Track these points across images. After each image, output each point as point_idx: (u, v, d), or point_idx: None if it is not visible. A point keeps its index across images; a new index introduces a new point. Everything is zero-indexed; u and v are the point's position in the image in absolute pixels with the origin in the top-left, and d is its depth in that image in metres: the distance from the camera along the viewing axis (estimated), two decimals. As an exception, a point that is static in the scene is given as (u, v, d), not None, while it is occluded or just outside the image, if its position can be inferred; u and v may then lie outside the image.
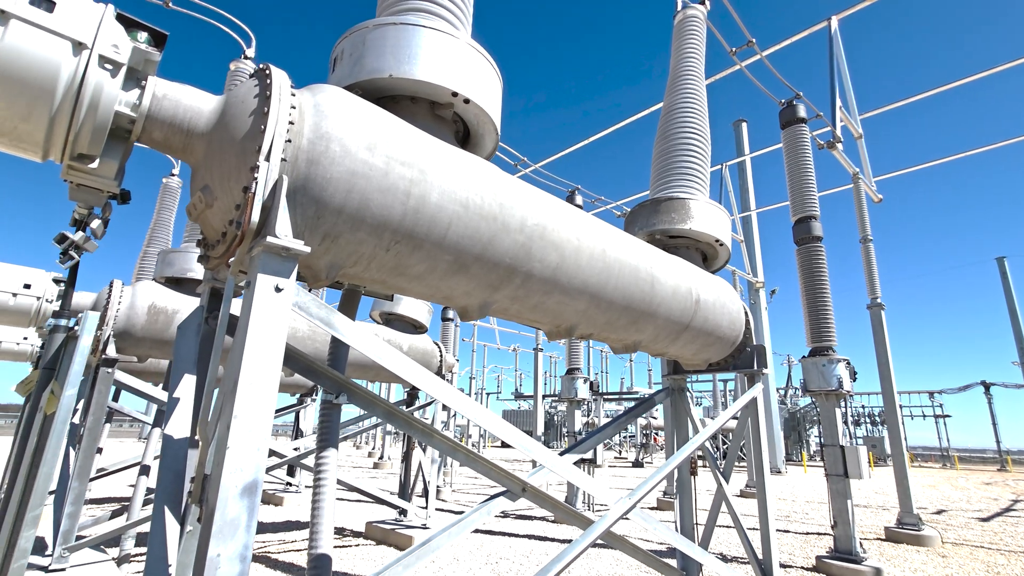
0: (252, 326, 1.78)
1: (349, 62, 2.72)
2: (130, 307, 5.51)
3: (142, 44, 1.92)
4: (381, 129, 2.34)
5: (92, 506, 9.94)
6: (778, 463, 25.14)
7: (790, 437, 38.55)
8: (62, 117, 1.75)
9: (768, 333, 26.34)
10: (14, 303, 5.46)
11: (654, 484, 3.47)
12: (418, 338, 8.26)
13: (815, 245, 8.12)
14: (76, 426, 5.35)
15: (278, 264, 1.89)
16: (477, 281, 2.80)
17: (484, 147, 3.23)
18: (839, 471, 7.07)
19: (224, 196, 2.07)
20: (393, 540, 7.64)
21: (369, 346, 2.20)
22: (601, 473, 22.53)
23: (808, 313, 7.89)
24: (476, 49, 2.92)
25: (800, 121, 8.93)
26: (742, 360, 4.91)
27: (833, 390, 7.24)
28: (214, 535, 1.57)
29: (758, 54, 9.36)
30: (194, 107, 2.09)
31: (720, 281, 4.73)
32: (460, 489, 15.06)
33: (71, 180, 1.95)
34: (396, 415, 3.01)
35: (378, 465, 23.31)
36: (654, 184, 5.19)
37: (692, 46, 5.81)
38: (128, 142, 2.02)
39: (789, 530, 9.89)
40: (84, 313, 3.11)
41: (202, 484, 1.82)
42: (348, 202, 2.19)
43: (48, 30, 1.67)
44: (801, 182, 8.58)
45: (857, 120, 12.02)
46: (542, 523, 9.75)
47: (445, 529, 3.03)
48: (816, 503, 13.81)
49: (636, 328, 3.81)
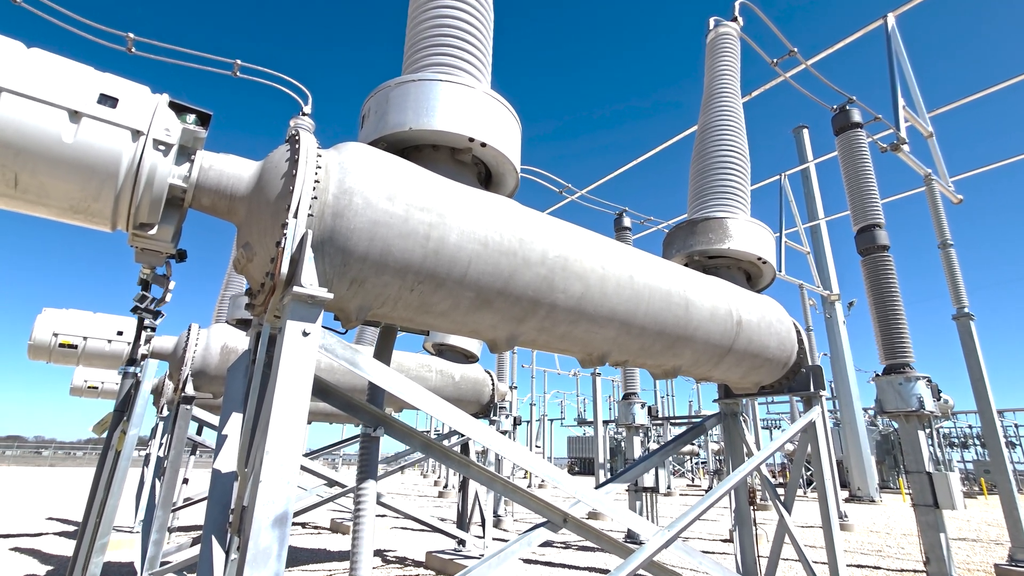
0: (282, 367, 1.96)
1: (375, 118, 2.96)
2: (205, 348, 6.04)
3: (190, 125, 2.21)
4: (401, 179, 2.52)
5: (180, 533, 10.70)
6: (871, 491, 23.00)
7: (884, 462, 35.23)
8: (125, 194, 2.04)
9: (848, 348, 24.56)
10: (109, 348, 6.16)
11: (695, 516, 3.35)
12: (470, 368, 8.42)
13: (881, 255, 7.61)
14: (161, 459, 5.87)
15: (305, 310, 2.08)
16: (501, 315, 2.89)
17: (506, 185, 3.37)
18: (928, 501, 6.42)
19: (262, 251, 2.31)
20: (451, 570, 7.68)
21: (393, 384, 2.34)
22: (671, 502, 21.55)
23: (879, 328, 7.35)
24: (493, 97, 3.09)
25: (855, 126, 8.50)
26: (797, 382, 4.67)
27: (913, 411, 6.65)
28: (248, 563, 1.72)
29: (803, 63, 9.06)
30: (235, 174, 2.36)
31: (766, 300, 4.56)
32: (523, 519, 14.90)
33: (136, 245, 2.25)
34: (433, 447, 3.12)
35: (443, 494, 23.50)
36: (692, 205, 5.13)
37: (726, 64, 5.76)
38: (182, 209, 2.31)
39: (880, 566, 9.03)
40: (147, 361, 3.51)
41: (240, 515, 2.00)
42: (371, 249, 2.37)
43: (112, 123, 1.98)
44: (861, 189, 8.12)
45: (925, 118, 11.26)
46: (604, 555, 9.46)
47: (486, 560, 3.07)
48: (915, 536, 12.51)
49: (673, 353, 3.75)
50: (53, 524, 12.65)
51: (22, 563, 8.06)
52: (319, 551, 9.55)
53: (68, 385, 9.26)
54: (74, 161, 1.92)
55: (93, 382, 9.03)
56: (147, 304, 3.13)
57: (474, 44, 3.32)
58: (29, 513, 14.56)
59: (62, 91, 1.91)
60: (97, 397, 9.21)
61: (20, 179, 1.89)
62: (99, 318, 6.30)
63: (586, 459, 49.72)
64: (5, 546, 9.47)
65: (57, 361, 6.04)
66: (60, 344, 5.88)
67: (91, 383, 9.04)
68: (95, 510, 3.09)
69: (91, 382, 9.05)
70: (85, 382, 9.04)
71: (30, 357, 5.90)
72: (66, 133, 1.89)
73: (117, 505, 3.13)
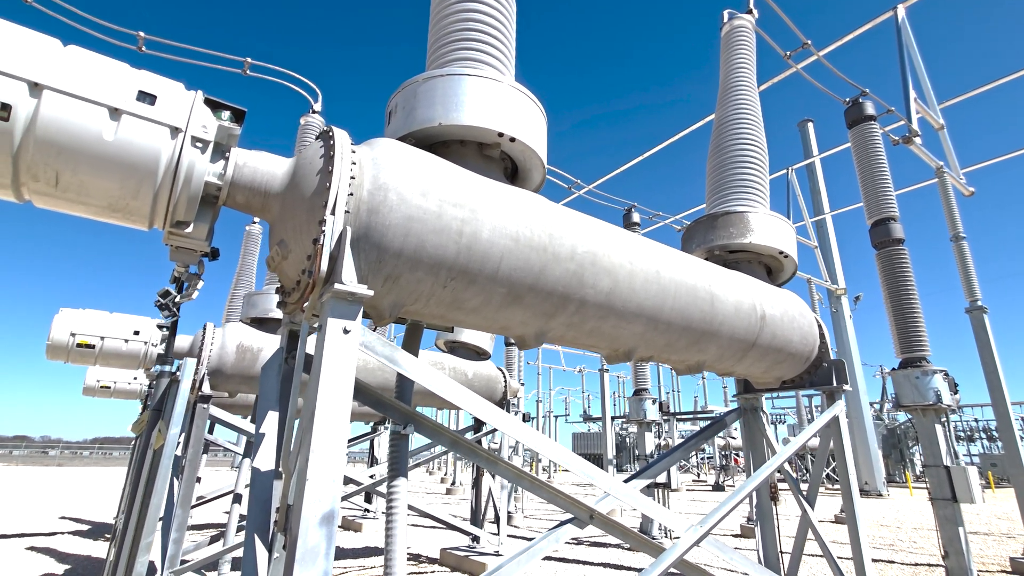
0: (324, 366, 1.95)
1: (402, 114, 2.93)
2: (221, 347, 6.04)
3: (225, 122, 2.19)
4: (433, 175, 2.50)
5: (193, 531, 10.75)
6: (878, 485, 22.97)
7: (890, 456, 35.14)
8: (163, 191, 2.03)
9: (855, 343, 24.52)
10: (126, 348, 6.16)
11: (727, 511, 3.34)
12: (482, 365, 8.41)
13: (896, 248, 7.56)
14: (179, 458, 5.89)
15: (345, 308, 2.06)
16: (532, 311, 2.88)
17: (532, 180, 3.34)
18: (946, 495, 6.40)
19: (297, 248, 2.29)
20: (467, 567, 7.69)
21: (432, 381, 2.33)
22: (678, 498, 21.56)
23: (895, 322, 7.32)
24: (519, 90, 3.06)
25: (868, 119, 8.44)
26: (819, 376, 4.64)
27: (931, 405, 6.62)
28: (297, 562, 1.71)
29: (815, 55, 9.00)
30: (269, 171, 2.34)
31: (788, 295, 4.54)
32: (532, 515, 14.92)
33: (171, 244, 2.23)
34: (461, 444, 3.11)
35: (451, 491, 23.56)
36: (710, 199, 5.09)
37: (742, 56, 5.71)
38: (216, 207, 2.30)
39: (895, 561, 9.01)
40: (185, 360, 3.50)
41: (286, 514, 1.99)
42: (406, 245, 2.35)
43: (152, 120, 1.96)
44: (875, 182, 8.06)
45: (936, 110, 11.18)
46: (617, 551, 9.46)
47: (514, 557, 3.06)
48: (925, 530, 12.49)
49: (698, 348, 3.73)
50: (66, 523, 12.72)
51: (39, 562, 8.10)
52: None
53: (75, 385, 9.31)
54: (114, 159, 1.90)
55: (106, 382, 9.06)
56: (169, 300, 3.12)
57: (499, 37, 3.30)
58: (41, 512, 14.64)
59: (102, 88, 1.89)
60: (110, 397, 9.24)
61: (61, 178, 1.87)
62: (116, 318, 6.31)
63: (592, 455, 49.76)
64: (21, 545, 9.52)
65: (75, 361, 6.05)
66: (78, 344, 5.89)
67: (103, 383, 9.07)
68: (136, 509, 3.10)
69: (103, 382, 9.07)
70: (98, 382, 9.07)
71: (48, 357, 5.91)
72: (107, 131, 1.87)
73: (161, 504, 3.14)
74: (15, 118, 1.73)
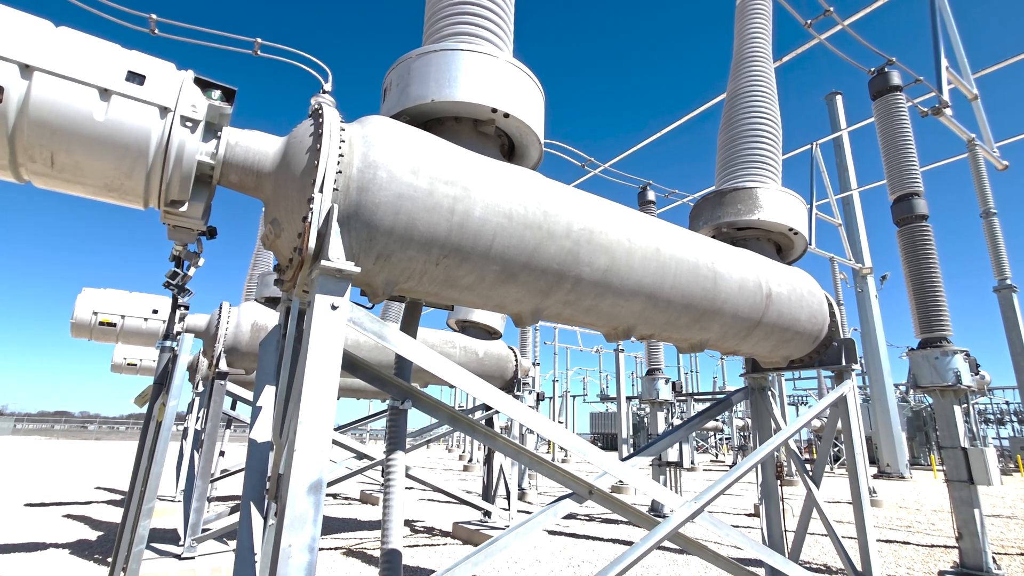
0: (312, 341, 2.00)
1: (396, 91, 2.92)
2: (236, 326, 6.20)
3: (216, 101, 2.21)
4: (424, 152, 2.50)
5: (219, 503, 11.20)
6: (900, 467, 22.66)
7: (915, 438, 34.56)
8: (155, 171, 2.07)
9: (880, 323, 23.94)
10: (145, 326, 6.38)
11: (722, 489, 3.34)
12: (493, 344, 8.47)
13: (919, 225, 7.32)
14: (199, 432, 6.11)
15: (333, 284, 2.10)
16: (527, 288, 2.88)
17: (529, 157, 3.31)
18: (962, 476, 6.30)
19: (289, 226, 2.33)
20: (477, 539, 7.88)
21: (420, 356, 2.36)
22: (695, 477, 21.61)
23: (915, 301, 7.12)
24: (515, 65, 3.02)
25: (894, 89, 8.10)
26: (828, 356, 4.57)
27: (950, 386, 6.47)
28: (285, 528, 1.78)
29: (839, 23, 8.62)
30: (261, 150, 2.37)
31: (796, 272, 4.45)
32: (546, 492, 15.14)
33: (168, 223, 2.29)
34: (459, 420, 3.16)
35: (467, 468, 24.01)
36: (720, 175, 4.98)
37: (757, 26, 5.51)
38: (211, 186, 2.34)
39: (910, 542, 8.93)
40: (183, 336, 3.63)
41: (277, 483, 2.07)
42: (397, 223, 2.36)
43: (141, 100, 1.99)
44: (899, 156, 7.77)
45: (970, 80, 10.66)
46: (628, 528, 9.57)
47: (512, 529, 3.12)
48: (946, 512, 12.32)
49: (700, 327, 3.69)
50: (101, 493, 13.38)
51: (75, 529, 8.56)
52: (350, 520, 9.89)
53: (110, 362, 9.68)
54: (106, 139, 1.95)
55: (132, 359, 9.40)
56: (178, 280, 3.21)
57: (496, 11, 3.24)
58: (79, 483, 15.41)
59: (92, 69, 1.92)
60: (136, 373, 9.60)
61: (56, 158, 1.93)
62: (135, 297, 6.51)
63: (608, 435, 50.04)
64: (58, 513, 10.07)
65: (98, 339, 6.29)
66: (100, 323, 6.11)
67: (130, 360, 9.42)
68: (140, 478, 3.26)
69: (130, 359, 9.42)
70: (125, 359, 9.42)
71: (72, 335, 6.16)
72: (97, 111, 1.91)
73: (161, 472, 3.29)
74: (7, 100, 1.78)
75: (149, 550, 5.58)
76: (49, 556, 6.65)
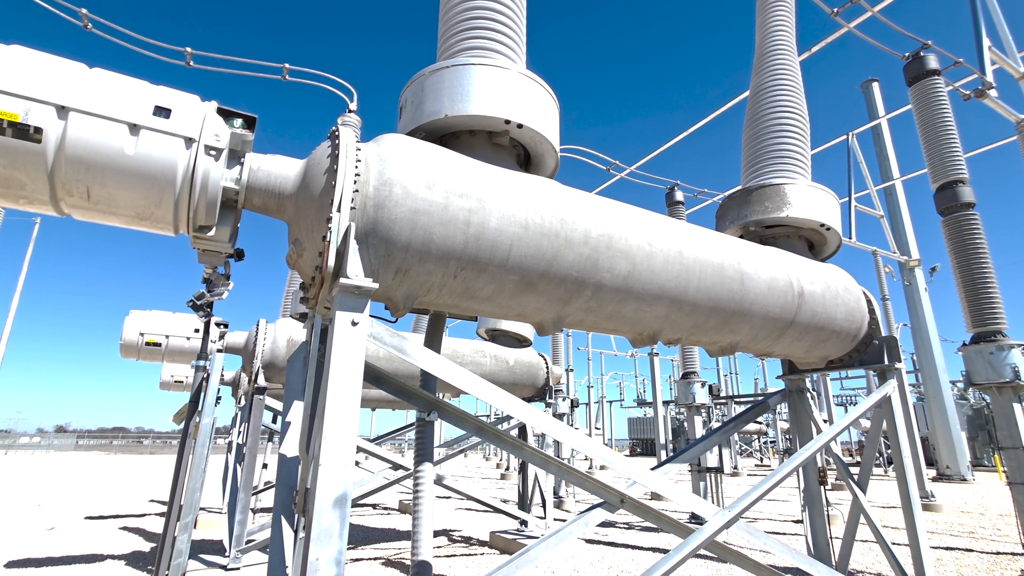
0: (334, 357, 2.04)
1: (411, 108, 2.98)
2: (273, 342, 6.40)
3: (238, 129, 2.31)
4: (438, 167, 2.54)
5: (263, 514, 11.51)
6: (961, 469, 21.39)
7: (977, 438, 32.60)
8: (183, 199, 2.18)
9: (931, 317, 22.74)
10: (188, 345, 6.67)
11: (758, 496, 3.23)
12: (523, 352, 8.46)
13: (966, 213, 6.95)
14: (240, 446, 6.32)
15: (352, 301, 2.15)
16: (546, 297, 2.88)
17: (545, 166, 3.32)
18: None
19: (310, 246, 2.40)
20: (514, 549, 7.83)
21: (438, 368, 2.39)
22: (738, 482, 20.95)
23: (965, 294, 6.75)
24: (528, 76, 3.04)
25: (931, 73, 7.76)
26: (869, 355, 4.37)
27: (1007, 382, 6.09)
28: (312, 542, 1.82)
29: (868, 10, 8.32)
30: (282, 173, 2.46)
31: (830, 269, 4.29)
32: (583, 500, 14.95)
33: (197, 247, 2.39)
34: (486, 430, 3.17)
35: (505, 476, 23.94)
36: (746, 172, 4.87)
37: (780, 18, 5.38)
38: (236, 210, 2.43)
39: (973, 549, 8.40)
40: (214, 355, 3.77)
41: (304, 497, 2.12)
42: (413, 238, 2.41)
43: (167, 132, 2.10)
44: (940, 143, 7.42)
45: (1016, 58, 10.09)
46: (669, 536, 9.34)
47: (544, 539, 3.12)
48: (1012, 517, 11.54)
49: (729, 329, 3.60)
50: (155, 506, 13.96)
51: (130, 541, 8.95)
52: (388, 530, 10.01)
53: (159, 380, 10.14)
54: (136, 171, 2.06)
55: (179, 376, 9.83)
56: (203, 302, 3.34)
57: (507, 24, 3.27)
58: (134, 496, 16.13)
59: (121, 106, 2.04)
60: (183, 390, 10.03)
61: (92, 191, 2.05)
62: (178, 318, 6.82)
63: (647, 440, 49.11)
64: (115, 526, 10.55)
65: (145, 358, 6.61)
66: (146, 343, 6.43)
67: (177, 377, 9.85)
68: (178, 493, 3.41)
69: (177, 376, 9.85)
70: (172, 376, 9.86)
71: (122, 355, 6.49)
72: (128, 146, 2.03)
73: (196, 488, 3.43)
74: (47, 139, 1.91)
75: (196, 561, 5.79)
76: (106, 567, 6.97)
